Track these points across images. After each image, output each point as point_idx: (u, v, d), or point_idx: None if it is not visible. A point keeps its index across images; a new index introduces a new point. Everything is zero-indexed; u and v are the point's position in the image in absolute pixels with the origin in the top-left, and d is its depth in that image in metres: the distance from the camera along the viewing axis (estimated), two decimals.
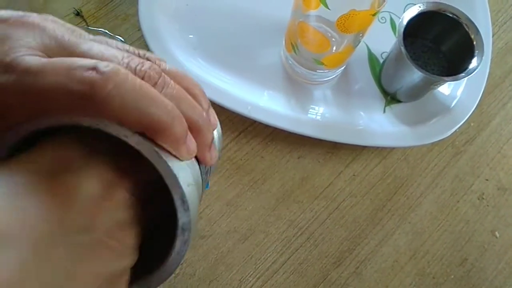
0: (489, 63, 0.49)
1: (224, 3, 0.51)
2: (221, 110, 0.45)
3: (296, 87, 0.48)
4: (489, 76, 0.49)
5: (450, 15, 0.43)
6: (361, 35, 0.41)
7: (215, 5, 0.51)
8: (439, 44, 0.47)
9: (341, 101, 0.48)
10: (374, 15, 0.37)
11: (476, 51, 0.42)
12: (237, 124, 0.46)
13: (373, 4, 0.36)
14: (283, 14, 0.44)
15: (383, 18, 0.52)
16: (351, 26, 0.38)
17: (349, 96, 0.49)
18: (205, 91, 0.46)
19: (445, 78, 0.41)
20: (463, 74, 0.40)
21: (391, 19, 0.52)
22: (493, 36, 0.54)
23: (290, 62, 0.47)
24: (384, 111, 0.48)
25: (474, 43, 0.42)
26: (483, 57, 0.42)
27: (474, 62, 0.41)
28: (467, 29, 0.43)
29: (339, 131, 0.46)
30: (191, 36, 0.49)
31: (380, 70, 0.50)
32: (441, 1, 0.44)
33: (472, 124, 0.50)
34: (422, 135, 0.46)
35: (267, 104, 0.46)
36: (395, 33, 0.51)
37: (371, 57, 0.51)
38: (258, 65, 0.49)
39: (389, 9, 0.53)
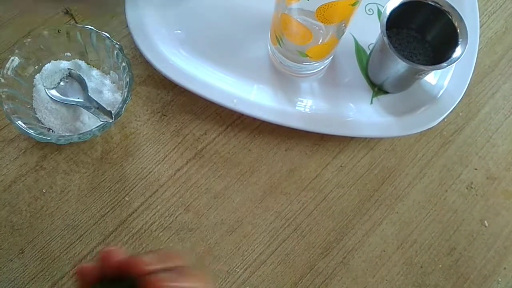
0: (476, 53, 0.48)
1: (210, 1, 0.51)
2: (208, 104, 0.46)
3: (283, 80, 0.48)
4: (478, 65, 0.49)
5: (432, 4, 0.43)
6: (343, 25, 0.41)
7: (202, 3, 0.51)
8: (424, 33, 0.47)
9: (328, 93, 0.48)
10: (353, 5, 0.37)
11: (460, 40, 0.42)
12: (225, 117, 0.47)
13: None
14: (270, 7, 0.44)
15: (370, 10, 0.52)
16: (332, 17, 0.39)
17: (337, 88, 0.49)
18: (192, 85, 0.46)
19: (425, 68, 0.41)
20: (445, 64, 0.40)
21: (378, 11, 0.52)
22: (482, 26, 0.54)
23: (276, 55, 0.48)
24: (371, 102, 0.48)
25: (458, 31, 0.42)
26: (469, 46, 0.42)
27: (458, 51, 0.41)
28: (450, 17, 0.43)
29: (326, 123, 0.46)
30: (178, 31, 0.49)
31: (367, 62, 0.50)
32: None
33: (460, 114, 0.50)
34: (409, 125, 0.46)
35: (254, 97, 0.46)
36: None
37: (358, 49, 0.51)
38: (245, 59, 0.49)
39: (376, 1, 0.53)
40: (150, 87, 0.48)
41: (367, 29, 0.50)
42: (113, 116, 0.41)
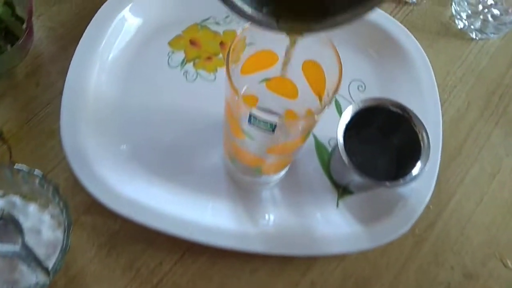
0: (440, 148, 0.46)
1: (155, 106, 0.47)
2: (160, 232, 0.42)
3: (242, 192, 0.44)
4: (444, 148, 0.47)
5: (393, 110, 0.41)
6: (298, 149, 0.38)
7: (146, 111, 0.47)
8: (387, 134, 0.44)
9: (292, 200, 0.45)
10: (304, 138, 0.34)
11: (422, 151, 0.39)
12: (181, 243, 0.42)
13: (303, 132, 0.33)
14: (221, 109, 0.39)
15: None
16: (284, 151, 0.35)
17: (299, 192, 0.45)
18: (140, 216, 0.42)
19: (382, 183, 0.39)
20: (401, 181, 0.38)
21: (336, 101, 0.49)
22: (443, 104, 0.52)
23: (232, 170, 0.44)
24: (338, 205, 0.45)
25: (421, 143, 0.39)
26: (432, 145, 0.40)
27: (417, 168, 0.38)
28: (412, 125, 0.40)
29: (292, 243, 0.42)
30: (123, 146, 0.45)
31: (328, 160, 0.47)
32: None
33: (431, 207, 0.47)
34: (379, 235, 0.43)
35: (210, 219, 0.42)
36: (340, 116, 0.48)
37: (319, 146, 0.48)
38: (199, 174, 0.45)
39: None
40: (95, 216, 0.43)
41: (325, 123, 0.45)
42: (50, 273, 0.37)
